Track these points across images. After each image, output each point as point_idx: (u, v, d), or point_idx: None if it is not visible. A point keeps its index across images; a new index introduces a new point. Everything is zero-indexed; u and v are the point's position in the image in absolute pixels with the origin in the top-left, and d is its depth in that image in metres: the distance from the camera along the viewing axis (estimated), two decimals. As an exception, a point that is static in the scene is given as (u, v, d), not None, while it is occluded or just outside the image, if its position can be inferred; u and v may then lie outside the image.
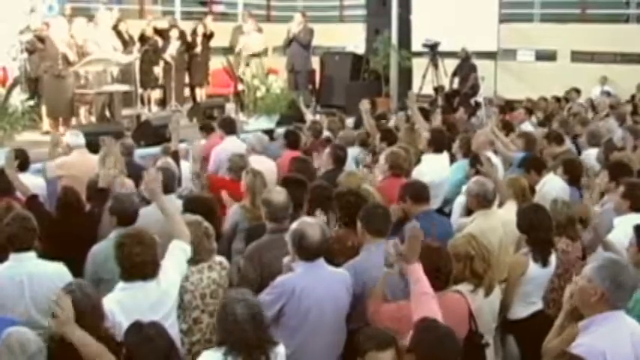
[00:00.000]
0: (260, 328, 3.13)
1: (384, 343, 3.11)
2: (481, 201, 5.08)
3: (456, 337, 3.07)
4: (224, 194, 5.62)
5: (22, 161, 6.04)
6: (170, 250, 3.91)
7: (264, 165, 6.36)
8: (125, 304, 3.58)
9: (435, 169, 6.36)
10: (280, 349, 3.25)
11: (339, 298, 3.90)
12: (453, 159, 6.95)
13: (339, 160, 6.28)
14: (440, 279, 3.63)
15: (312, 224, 3.89)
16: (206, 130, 8.36)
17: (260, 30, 14.18)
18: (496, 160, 6.48)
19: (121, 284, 3.71)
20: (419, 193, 4.98)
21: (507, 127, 8.50)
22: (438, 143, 6.80)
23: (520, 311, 4.47)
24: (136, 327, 3.07)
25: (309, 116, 9.61)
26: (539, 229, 4.47)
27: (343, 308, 3.93)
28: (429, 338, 2.98)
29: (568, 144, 7.78)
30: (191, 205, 4.78)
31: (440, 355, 2.95)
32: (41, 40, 10.80)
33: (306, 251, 3.82)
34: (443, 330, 3.05)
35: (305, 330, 3.78)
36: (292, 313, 3.74)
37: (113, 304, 3.56)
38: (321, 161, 6.52)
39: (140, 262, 3.65)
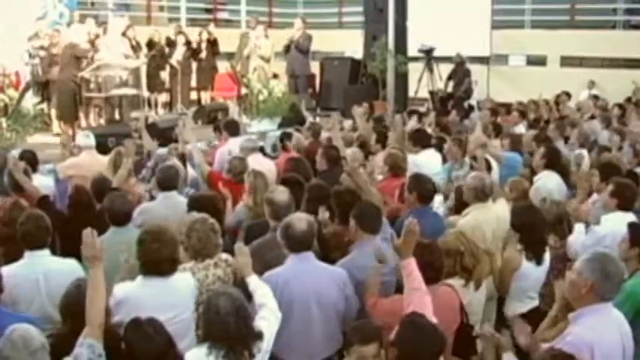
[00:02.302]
0: (243, 321, 3.10)
1: (367, 337, 3.07)
2: (478, 194, 5.09)
3: (439, 333, 3.01)
4: (221, 187, 5.62)
5: (31, 162, 6.04)
6: None
7: (264, 165, 6.36)
8: (140, 298, 3.58)
9: (428, 163, 6.41)
10: (263, 344, 3.21)
11: (326, 294, 3.83)
12: (444, 160, 6.96)
13: (332, 159, 6.27)
14: (432, 274, 3.64)
15: (300, 217, 3.94)
16: (219, 131, 8.40)
17: (267, 36, 14.19)
18: (491, 160, 6.51)
19: (139, 278, 3.70)
20: (426, 192, 4.99)
21: (497, 129, 8.50)
22: (420, 140, 6.85)
23: (517, 307, 4.48)
24: (135, 324, 3.06)
25: (309, 119, 9.62)
26: (532, 229, 4.47)
27: (332, 305, 3.85)
28: (411, 333, 2.94)
29: (560, 145, 7.77)
30: (196, 203, 4.80)
31: (420, 350, 2.91)
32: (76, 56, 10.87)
33: (292, 239, 3.83)
34: (425, 325, 3.00)
35: (292, 323, 3.72)
36: (279, 305, 3.69)
37: (130, 292, 3.59)
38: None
39: (157, 259, 3.64)
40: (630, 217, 4.74)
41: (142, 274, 3.69)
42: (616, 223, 4.51)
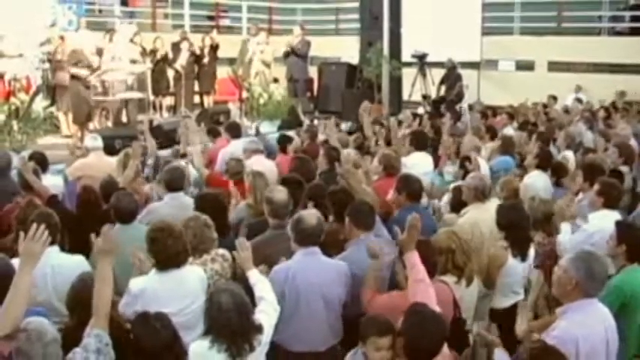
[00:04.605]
0: (244, 316, 3.14)
1: (384, 329, 3.15)
2: (478, 195, 5.11)
3: (442, 320, 3.09)
4: (231, 187, 5.62)
5: (41, 163, 6.04)
6: None
7: (266, 166, 6.35)
8: (157, 290, 3.60)
9: (417, 164, 6.42)
10: (263, 336, 3.24)
11: (331, 287, 3.87)
12: (438, 160, 6.96)
13: (333, 160, 6.26)
14: (427, 270, 3.62)
15: (310, 213, 4.01)
16: (213, 134, 8.36)
17: (268, 43, 14.18)
18: (483, 162, 6.51)
19: (154, 271, 3.70)
20: (415, 191, 4.99)
21: (490, 131, 8.50)
22: (418, 142, 6.87)
23: (503, 301, 4.49)
24: (143, 318, 3.09)
25: (306, 121, 9.63)
26: (517, 227, 4.48)
27: (336, 298, 3.89)
28: (416, 322, 2.99)
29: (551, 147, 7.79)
30: (202, 202, 4.76)
31: (425, 337, 2.96)
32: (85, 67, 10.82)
33: (302, 233, 3.86)
34: (429, 314, 3.06)
35: (298, 314, 3.77)
36: (286, 297, 3.74)
37: (146, 285, 3.59)
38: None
39: (174, 254, 3.67)
40: (616, 214, 4.76)
41: (158, 269, 3.69)
42: (603, 221, 4.53)
